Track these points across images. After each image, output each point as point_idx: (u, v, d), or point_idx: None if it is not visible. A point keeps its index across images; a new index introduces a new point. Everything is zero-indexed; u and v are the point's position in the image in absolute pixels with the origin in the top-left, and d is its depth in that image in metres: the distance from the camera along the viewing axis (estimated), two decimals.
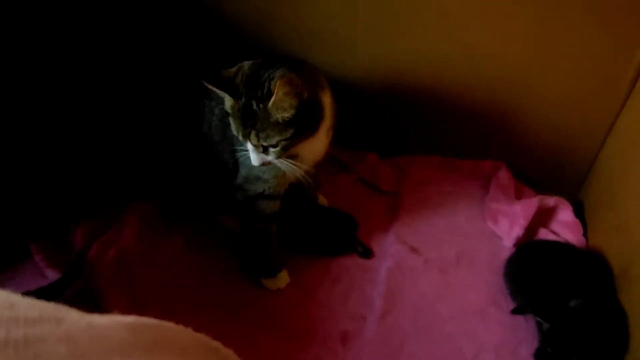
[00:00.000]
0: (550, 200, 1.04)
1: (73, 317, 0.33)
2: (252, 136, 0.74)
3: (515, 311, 0.90)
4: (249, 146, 0.77)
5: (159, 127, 0.93)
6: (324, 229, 0.99)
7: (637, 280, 0.79)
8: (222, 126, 0.86)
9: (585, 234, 0.99)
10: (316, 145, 0.82)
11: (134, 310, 0.82)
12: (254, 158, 0.78)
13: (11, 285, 0.84)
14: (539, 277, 0.89)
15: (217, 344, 0.37)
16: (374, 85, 1.07)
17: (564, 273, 0.88)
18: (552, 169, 1.09)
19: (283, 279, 0.93)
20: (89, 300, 0.85)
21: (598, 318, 0.79)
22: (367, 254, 0.99)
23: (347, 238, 1.00)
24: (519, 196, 1.07)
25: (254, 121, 0.73)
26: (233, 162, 0.87)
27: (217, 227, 1.00)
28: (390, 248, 1.00)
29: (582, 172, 1.07)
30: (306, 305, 0.91)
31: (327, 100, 0.80)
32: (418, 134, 1.14)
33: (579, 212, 1.04)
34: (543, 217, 1.03)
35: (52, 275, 0.88)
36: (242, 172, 0.86)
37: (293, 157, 0.81)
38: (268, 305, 0.91)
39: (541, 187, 1.10)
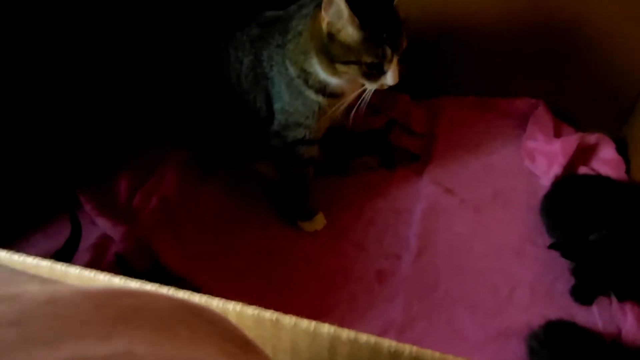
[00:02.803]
0: (592, 138, 1.01)
1: (31, 292, 0.29)
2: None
3: (552, 246, 0.90)
4: (391, 68, 0.76)
5: (187, 77, 0.94)
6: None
7: None
8: (254, 75, 0.86)
9: (628, 172, 0.97)
10: (358, 85, 0.82)
11: (179, 253, 0.88)
12: (395, 78, 0.77)
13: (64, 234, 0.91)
14: (576, 210, 0.88)
15: (200, 307, 0.33)
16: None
17: (602, 206, 0.87)
18: (595, 105, 1.05)
19: (319, 221, 0.96)
20: (140, 247, 0.89)
21: (621, 249, 0.78)
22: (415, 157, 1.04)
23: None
24: (558, 134, 1.04)
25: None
26: (267, 109, 0.88)
27: (254, 174, 1.02)
28: (424, 189, 1.00)
29: (626, 109, 1.02)
30: (342, 246, 0.93)
31: None
32: (452, 74, 1.11)
33: (622, 149, 1.01)
34: (583, 155, 1.00)
35: (102, 223, 0.93)
36: (281, 119, 0.86)
37: (338, 95, 0.82)
38: (305, 247, 0.93)
39: (582, 125, 1.06)
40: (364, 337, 0.49)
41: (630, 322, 0.79)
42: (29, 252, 0.58)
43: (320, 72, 0.78)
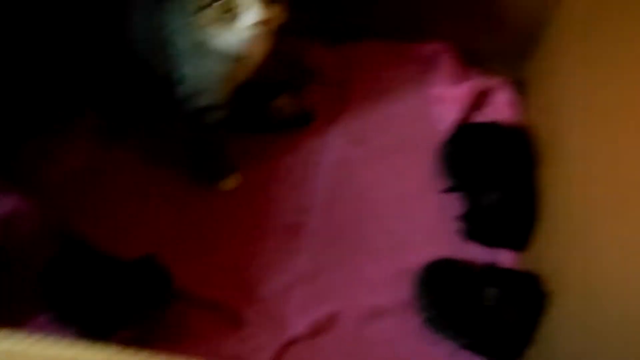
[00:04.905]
0: (491, 81, 1.05)
1: None
2: None
3: (447, 190, 0.97)
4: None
5: (91, 35, 0.90)
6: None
7: (557, 158, 0.85)
8: (157, 39, 0.84)
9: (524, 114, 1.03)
10: (264, 42, 0.82)
11: (92, 225, 0.90)
12: (258, 13, 0.71)
13: None
14: (470, 159, 0.95)
15: None
16: None
17: (493, 153, 0.94)
18: (496, 47, 1.08)
19: (235, 179, 0.99)
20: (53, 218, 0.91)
21: (513, 208, 0.87)
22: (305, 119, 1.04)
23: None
24: (462, 78, 1.08)
25: None
26: (172, 74, 0.87)
27: (166, 137, 1.03)
28: (334, 141, 1.04)
29: (524, 51, 1.06)
30: (257, 202, 0.98)
31: None
32: (361, 18, 1.11)
33: (522, 91, 1.06)
34: (483, 98, 1.05)
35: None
36: (186, 85, 0.86)
37: (243, 58, 0.81)
38: (221, 206, 0.97)
39: (487, 66, 1.10)
40: None
41: (505, 253, 0.89)
42: None
43: (205, 33, 0.77)
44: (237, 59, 0.81)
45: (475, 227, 0.90)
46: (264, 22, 0.72)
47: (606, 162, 0.64)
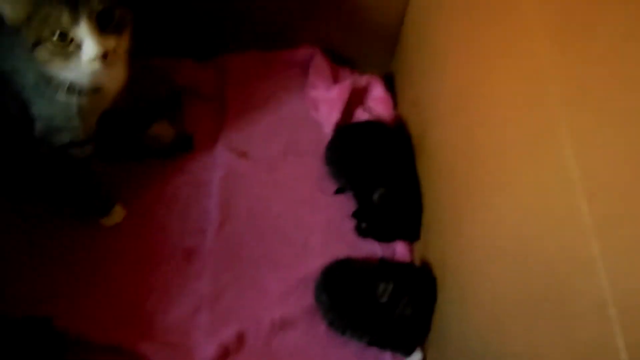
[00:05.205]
0: (363, 79, 1.10)
1: None
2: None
3: (337, 191, 1.01)
4: (83, 33, 0.67)
5: None
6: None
7: (428, 149, 0.91)
8: (5, 78, 0.77)
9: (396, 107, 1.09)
10: (118, 71, 0.79)
11: None
12: (93, 47, 0.67)
13: None
14: (352, 157, 0.98)
15: None
16: None
17: (374, 150, 0.98)
18: (365, 45, 1.13)
19: (118, 213, 0.95)
20: None
21: (399, 200, 0.91)
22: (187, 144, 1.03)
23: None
24: (336, 79, 1.12)
25: None
26: (23, 116, 0.81)
27: (38, 180, 0.95)
28: (220, 157, 1.03)
29: (390, 47, 1.12)
30: (146, 232, 0.94)
31: None
32: (231, 31, 1.10)
33: (392, 85, 1.12)
34: (358, 96, 1.09)
35: None
36: (40, 125, 0.80)
37: (97, 90, 0.77)
38: (109, 242, 0.93)
39: (357, 65, 1.15)
40: None
41: (400, 243, 0.94)
42: None
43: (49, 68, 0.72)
44: (91, 91, 0.77)
45: (368, 223, 0.94)
46: (102, 56, 0.69)
47: (466, 152, 0.70)
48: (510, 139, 0.56)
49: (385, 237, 0.94)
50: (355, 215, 0.94)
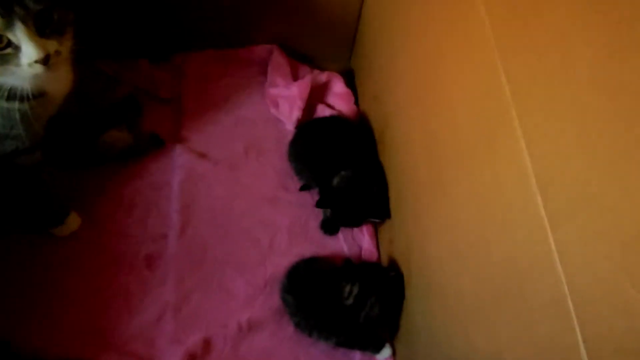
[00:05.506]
0: (323, 76, 1.09)
1: None
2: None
3: (302, 188, 0.99)
4: (21, 36, 0.63)
5: None
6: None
7: (389, 143, 0.90)
8: None
9: (356, 102, 1.08)
10: (63, 75, 0.75)
11: None
12: (32, 51, 0.64)
13: None
14: (317, 153, 0.97)
15: None
16: None
17: (337, 145, 0.97)
18: (323, 41, 1.12)
19: (73, 221, 0.91)
20: None
21: (360, 184, 0.90)
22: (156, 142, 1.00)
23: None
24: (295, 76, 1.10)
25: None
26: None
27: None
28: (178, 159, 1.00)
29: (348, 43, 1.11)
30: (105, 239, 0.91)
31: None
32: (187, 30, 1.07)
33: (352, 81, 1.11)
34: (319, 93, 1.09)
35: None
36: None
37: (41, 95, 0.74)
38: (65, 252, 0.89)
39: (316, 62, 1.14)
40: None
41: (366, 240, 0.94)
42: None
43: None
44: (34, 96, 0.73)
45: (333, 210, 0.91)
46: (44, 59, 0.66)
47: (426, 144, 0.70)
48: (467, 131, 0.56)
49: (352, 221, 0.92)
50: (319, 204, 0.92)
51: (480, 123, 0.52)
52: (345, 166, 0.95)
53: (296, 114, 1.04)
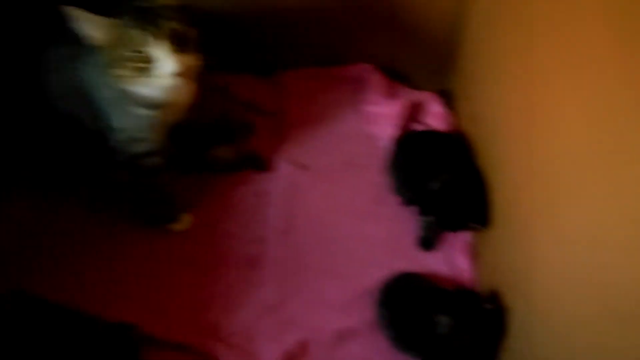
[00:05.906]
0: (421, 95, 1.12)
1: None
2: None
3: (403, 203, 1.01)
4: (161, 52, 0.72)
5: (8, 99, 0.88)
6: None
7: (490, 166, 0.91)
8: (76, 93, 0.83)
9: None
10: (188, 87, 0.82)
11: (48, 283, 0.87)
12: (173, 65, 0.73)
13: None
14: (415, 165, 0.99)
15: None
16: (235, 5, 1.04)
17: (437, 157, 0.98)
18: (419, 62, 1.15)
19: (186, 220, 0.99)
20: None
21: (459, 188, 0.91)
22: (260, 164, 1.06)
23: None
24: (392, 95, 1.13)
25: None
26: (100, 126, 0.86)
27: (111, 186, 1.00)
28: (281, 169, 1.06)
29: (446, 64, 1.13)
30: (212, 239, 0.98)
31: None
32: (288, 48, 1.14)
33: (450, 102, 1.13)
34: (415, 112, 1.11)
35: None
36: (116, 135, 0.86)
37: (169, 104, 0.82)
38: (177, 248, 0.96)
39: (413, 81, 1.16)
40: None
41: (462, 260, 0.95)
42: None
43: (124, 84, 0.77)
44: (162, 105, 0.81)
45: (434, 215, 0.93)
46: (180, 73, 0.73)
47: (534, 168, 0.70)
48: (582, 150, 0.55)
49: (453, 223, 0.93)
50: (422, 211, 0.94)
51: (598, 140, 0.51)
52: (442, 171, 0.96)
53: (391, 131, 1.07)
